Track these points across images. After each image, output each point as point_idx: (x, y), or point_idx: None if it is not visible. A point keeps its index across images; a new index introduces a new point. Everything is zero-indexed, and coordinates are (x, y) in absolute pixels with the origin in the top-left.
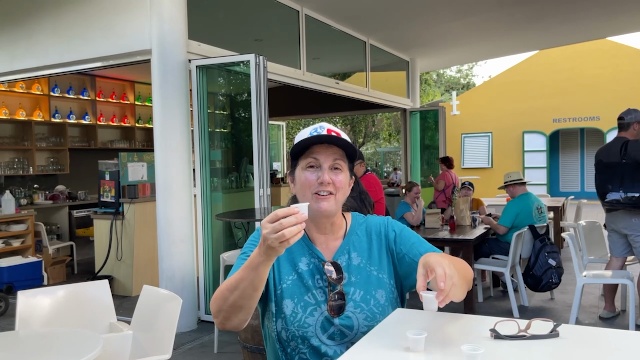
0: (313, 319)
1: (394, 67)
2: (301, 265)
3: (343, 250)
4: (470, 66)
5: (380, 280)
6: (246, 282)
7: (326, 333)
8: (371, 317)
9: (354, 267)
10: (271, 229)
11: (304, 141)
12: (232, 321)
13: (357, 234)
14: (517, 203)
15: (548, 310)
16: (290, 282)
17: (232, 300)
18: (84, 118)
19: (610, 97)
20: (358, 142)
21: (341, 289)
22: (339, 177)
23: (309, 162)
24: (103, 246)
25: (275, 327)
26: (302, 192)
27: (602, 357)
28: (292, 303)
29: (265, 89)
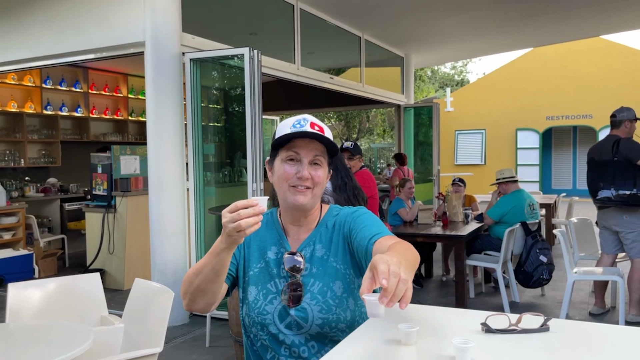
0: (272, 307)
1: (389, 63)
2: (270, 254)
3: (310, 242)
4: (465, 63)
5: (338, 271)
6: (209, 267)
7: (283, 322)
8: (326, 310)
9: (317, 259)
10: (229, 218)
11: (286, 134)
12: (197, 304)
13: (326, 226)
14: (510, 199)
15: (539, 306)
16: (257, 269)
17: (197, 284)
18: (77, 110)
19: (603, 96)
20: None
21: (298, 280)
22: (318, 172)
23: (290, 155)
24: (95, 239)
25: (242, 312)
26: (279, 183)
27: (592, 351)
28: (255, 290)
29: (259, 83)
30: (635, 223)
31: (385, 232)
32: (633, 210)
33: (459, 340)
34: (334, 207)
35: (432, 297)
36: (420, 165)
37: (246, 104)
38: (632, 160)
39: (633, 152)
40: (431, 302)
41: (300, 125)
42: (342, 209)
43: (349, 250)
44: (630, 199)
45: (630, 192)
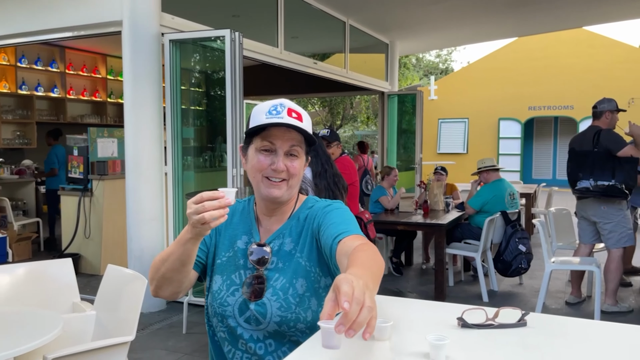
0: (233, 299)
1: (373, 50)
2: (239, 243)
3: (280, 234)
4: (449, 51)
5: (303, 268)
6: (174, 256)
7: (243, 316)
8: (285, 307)
9: (284, 253)
10: (194, 209)
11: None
12: (163, 291)
13: (298, 219)
14: (491, 188)
15: (516, 295)
16: (225, 258)
17: (162, 272)
18: (53, 91)
19: (585, 87)
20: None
21: (261, 273)
22: (294, 164)
23: (264, 145)
24: (70, 223)
25: (207, 301)
26: (253, 173)
27: (569, 347)
28: (220, 279)
29: (240, 66)
30: (612, 214)
31: (352, 230)
32: (611, 201)
33: (433, 337)
34: (310, 198)
35: (412, 285)
36: (403, 153)
37: (227, 87)
38: (612, 151)
39: (613, 143)
40: (411, 289)
41: (276, 112)
42: (318, 202)
43: (316, 246)
44: (608, 190)
45: (609, 183)
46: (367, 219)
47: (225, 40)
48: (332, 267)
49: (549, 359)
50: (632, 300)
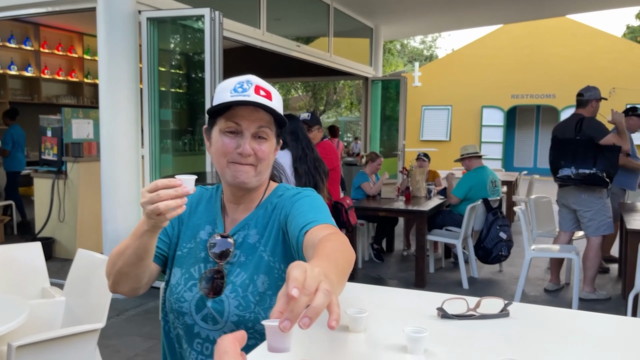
0: (191, 294)
1: (358, 34)
2: (202, 234)
3: (245, 225)
4: (434, 38)
5: (266, 264)
6: (130, 250)
7: (200, 313)
8: (244, 306)
9: (248, 246)
10: (148, 199)
11: (225, 102)
12: (121, 287)
13: (265, 209)
14: (473, 176)
15: (496, 282)
16: (186, 250)
17: (119, 266)
18: (27, 70)
19: (567, 76)
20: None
21: (221, 268)
22: (263, 147)
23: (229, 126)
24: (44, 206)
25: (165, 294)
26: (217, 158)
27: (553, 338)
28: (179, 273)
29: (220, 47)
30: (592, 202)
31: (322, 219)
32: (591, 189)
33: (411, 329)
34: (281, 186)
35: (392, 272)
36: (386, 139)
37: (206, 69)
38: (595, 139)
39: (596, 131)
40: (391, 276)
41: (242, 89)
42: (288, 190)
43: (283, 239)
44: (590, 178)
45: (590, 171)
46: (348, 204)
47: (204, 19)
48: None
49: (533, 351)
50: (609, 288)
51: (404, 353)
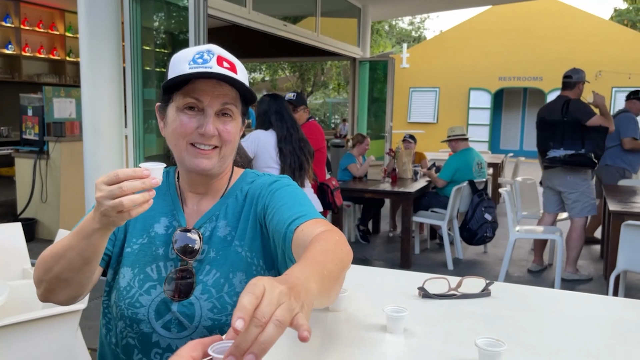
0: (148, 298)
1: (345, 14)
2: (157, 228)
3: (211, 216)
4: (422, 19)
5: (242, 260)
6: (74, 252)
7: (161, 320)
8: (219, 309)
9: (218, 240)
10: (107, 192)
11: (183, 74)
12: (56, 296)
13: (235, 197)
14: (458, 158)
15: (481, 263)
16: (137, 246)
17: (56, 272)
18: (7, 47)
19: (554, 58)
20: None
21: (189, 267)
22: (228, 127)
23: (188, 102)
24: (26, 187)
25: (108, 299)
26: (174, 139)
27: (533, 317)
28: (130, 273)
29: (204, 26)
30: (578, 184)
31: (311, 213)
32: (577, 170)
33: (390, 308)
34: (249, 172)
35: (378, 252)
36: (373, 121)
37: None
38: (582, 121)
39: (582, 113)
40: (377, 257)
41: (203, 60)
42: (260, 176)
43: (260, 233)
44: (578, 158)
45: (579, 152)
46: (334, 186)
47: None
48: (285, 259)
49: (513, 330)
50: (591, 269)
51: (384, 332)
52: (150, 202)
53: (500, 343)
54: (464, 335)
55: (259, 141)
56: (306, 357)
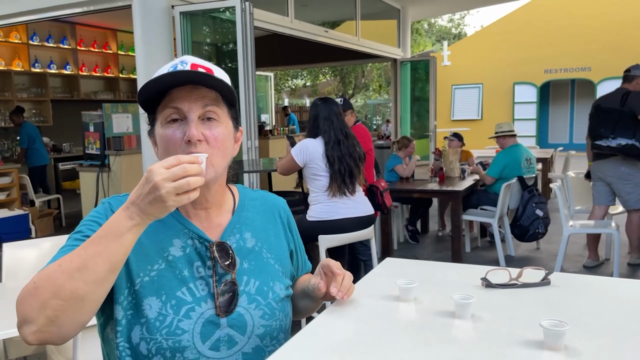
0: (190, 322)
1: (385, 16)
2: (173, 251)
3: (232, 229)
4: (462, 15)
5: (275, 270)
6: (101, 259)
7: (209, 341)
8: (270, 315)
9: (247, 250)
10: (170, 174)
11: (154, 82)
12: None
13: (249, 210)
14: (507, 154)
15: (534, 259)
16: (155, 272)
17: (72, 288)
18: (66, 68)
19: (602, 47)
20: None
21: (233, 278)
22: (214, 131)
23: (169, 114)
24: (90, 199)
25: (129, 338)
26: (165, 155)
27: (593, 304)
28: (158, 302)
29: (251, 37)
30: (632, 174)
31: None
32: (631, 161)
33: (459, 296)
34: (243, 187)
35: (428, 252)
36: (416, 121)
37: (238, 59)
38: (637, 113)
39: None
40: (427, 256)
41: (175, 70)
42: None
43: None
44: (628, 148)
45: (629, 142)
46: (382, 187)
47: (235, 10)
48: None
49: (573, 316)
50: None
51: (453, 318)
52: (198, 190)
53: (564, 324)
54: (528, 319)
55: (307, 150)
56: (385, 338)
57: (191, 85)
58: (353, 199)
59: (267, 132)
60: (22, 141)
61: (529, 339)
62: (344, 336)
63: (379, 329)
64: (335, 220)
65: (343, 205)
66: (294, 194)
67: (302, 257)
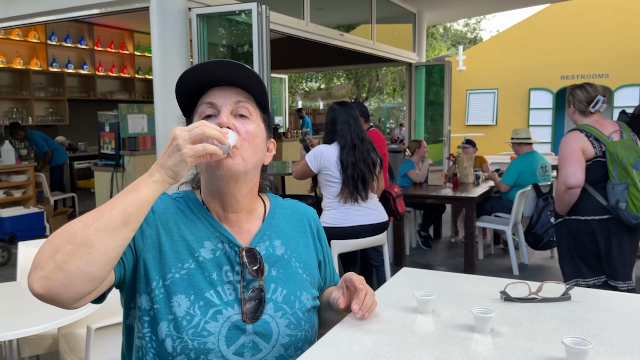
0: (216, 325)
1: (400, 20)
2: (204, 253)
3: (263, 235)
4: (478, 20)
5: (303, 279)
6: (118, 208)
7: (233, 346)
8: (295, 324)
9: (276, 258)
10: (190, 136)
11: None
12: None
13: (279, 218)
14: (522, 161)
15: (548, 268)
16: (185, 271)
17: (85, 233)
18: (83, 68)
19: (621, 54)
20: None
21: (261, 285)
22: (247, 127)
23: (203, 111)
24: (104, 198)
25: (155, 331)
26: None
27: (615, 321)
28: (186, 301)
29: (267, 40)
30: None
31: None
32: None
33: (478, 310)
34: (272, 195)
35: (441, 258)
36: (430, 125)
37: (254, 61)
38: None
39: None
40: (439, 263)
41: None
42: (290, 200)
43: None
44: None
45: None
46: (396, 193)
47: (252, 13)
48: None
49: (595, 333)
50: None
51: (472, 332)
52: (219, 154)
53: (587, 342)
54: (549, 336)
55: (322, 157)
56: (404, 350)
57: (226, 86)
58: (366, 205)
59: (281, 135)
60: (41, 146)
61: (550, 356)
62: (361, 348)
63: (397, 342)
64: (347, 227)
65: (356, 212)
66: (307, 198)
67: (330, 268)
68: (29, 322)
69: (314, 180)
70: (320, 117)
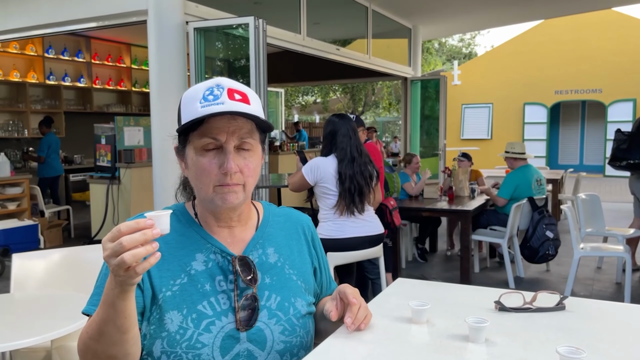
0: (210, 336)
1: (396, 35)
2: (195, 265)
3: (255, 244)
4: (473, 35)
5: (297, 286)
6: (109, 325)
7: (228, 355)
8: (290, 331)
9: (270, 266)
10: (111, 250)
11: (197, 117)
12: None
13: (272, 226)
14: (517, 175)
15: (543, 281)
16: (177, 287)
17: (101, 351)
18: (79, 81)
19: (614, 70)
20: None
21: (254, 293)
22: (249, 162)
23: (206, 143)
24: (99, 211)
25: (151, 350)
26: (198, 181)
27: (609, 330)
28: (179, 316)
29: (264, 54)
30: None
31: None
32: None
33: (473, 319)
34: (266, 203)
35: (436, 272)
36: (426, 139)
37: (251, 74)
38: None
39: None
40: (435, 276)
41: (214, 97)
42: (284, 208)
43: (313, 272)
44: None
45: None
46: (392, 206)
47: (249, 27)
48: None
49: (589, 342)
50: None
51: (466, 342)
52: (157, 255)
53: (581, 351)
54: (543, 345)
55: (319, 169)
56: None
57: (229, 116)
58: (362, 217)
59: (277, 148)
60: (41, 149)
61: None
62: (356, 358)
63: (392, 352)
64: (343, 239)
65: (352, 224)
66: (303, 210)
67: (326, 275)
68: (21, 334)
69: (309, 191)
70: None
